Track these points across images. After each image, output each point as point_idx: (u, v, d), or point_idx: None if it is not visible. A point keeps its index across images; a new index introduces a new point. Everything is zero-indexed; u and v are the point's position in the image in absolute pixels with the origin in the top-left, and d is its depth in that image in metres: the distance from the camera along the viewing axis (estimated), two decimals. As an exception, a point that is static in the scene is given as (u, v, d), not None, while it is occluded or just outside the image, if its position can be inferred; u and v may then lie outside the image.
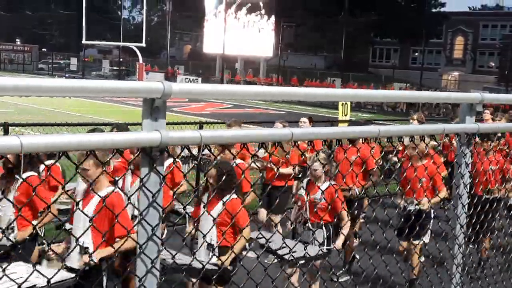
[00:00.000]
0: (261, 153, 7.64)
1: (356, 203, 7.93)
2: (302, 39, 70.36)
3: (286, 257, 5.23)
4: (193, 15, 68.47)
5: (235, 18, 56.26)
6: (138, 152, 1.88)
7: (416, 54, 72.94)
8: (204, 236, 5.14)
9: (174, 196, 5.89)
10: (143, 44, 45.11)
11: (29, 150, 1.55)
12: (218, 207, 5.31)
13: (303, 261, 5.36)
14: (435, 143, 8.30)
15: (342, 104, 12.89)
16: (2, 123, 8.69)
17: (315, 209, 6.33)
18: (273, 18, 57.53)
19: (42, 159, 6.14)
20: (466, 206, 3.30)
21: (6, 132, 8.46)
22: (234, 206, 5.34)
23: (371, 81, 53.82)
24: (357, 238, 8.90)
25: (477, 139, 9.76)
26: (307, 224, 6.45)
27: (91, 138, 1.70)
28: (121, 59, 60.97)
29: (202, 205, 5.66)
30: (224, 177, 5.34)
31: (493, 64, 69.50)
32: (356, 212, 7.98)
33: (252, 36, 56.45)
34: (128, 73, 57.18)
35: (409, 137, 2.93)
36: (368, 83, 51.15)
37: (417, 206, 7.00)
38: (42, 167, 5.92)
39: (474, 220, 6.07)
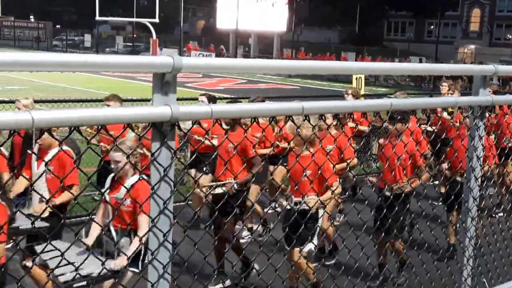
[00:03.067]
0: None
1: (234, 199, 6.27)
2: (316, 13, 69.73)
3: (63, 278, 4.25)
4: (206, -10, 67.96)
5: (249, -8, 55.78)
6: (148, 127, 1.89)
7: (432, 27, 72.04)
8: None
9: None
10: (157, 20, 44.92)
11: (40, 126, 1.56)
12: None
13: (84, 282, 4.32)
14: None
15: (356, 78, 12.79)
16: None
17: (117, 212, 5.03)
18: (286, -8, 56.95)
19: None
20: (480, 179, 3.29)
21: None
22: None
23: (386, 55, 53.34)
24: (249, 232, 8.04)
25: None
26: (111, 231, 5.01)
27: (104, 113, 1.71)
28: (134, 35, 60.85)
29: None
30: None
31: (510, 37, 68.49)
32: (236, 210, 6.37)
33: (266, 10, 55.93)
34: (141, 49, 57.09)
35: (289, 119, 2.31)
36: (383, 57, 50.70)
37: (295, 206, 5.79)
38: None
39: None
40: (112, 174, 5.17)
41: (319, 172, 5.35)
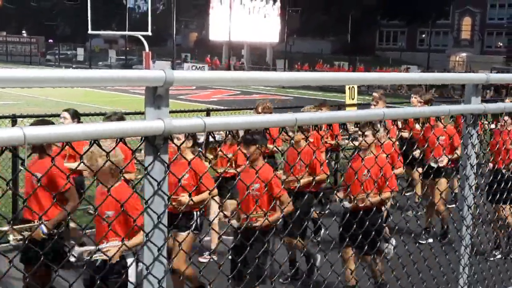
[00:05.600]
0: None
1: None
2: (308, 24, 70.01)
3: None
4: (199, 2, 68.18)
5: (241, 4, 56.00)
6: (141, 141, 1.88)
7: (423, 35, 72.45)
8: None
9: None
10: (149, 33, 44.99)
11: (32, 141, 1.55)
12: None
13: None
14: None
15: (349, 88, 12.83)
16: (10, 115, 8.73)
17: None
18: (278, 3, 57.24)
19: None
20: (474, 188, 3.29)
21: (14, 124, 8.49)
22: None
23: (378, 64, 53.59)
24: None
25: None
26: None
27: (96, 127, 1.70)
28: (127, 49, 60.95)
29: None
30: None
31: (501, 44, 68.94)
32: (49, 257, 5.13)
33: (258, 22, 56.26)
34: (134, 62, 57.18)
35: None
36: (375, 66, 50.95)
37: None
38: None
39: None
40: None
41: (122, 210, 3.82)
